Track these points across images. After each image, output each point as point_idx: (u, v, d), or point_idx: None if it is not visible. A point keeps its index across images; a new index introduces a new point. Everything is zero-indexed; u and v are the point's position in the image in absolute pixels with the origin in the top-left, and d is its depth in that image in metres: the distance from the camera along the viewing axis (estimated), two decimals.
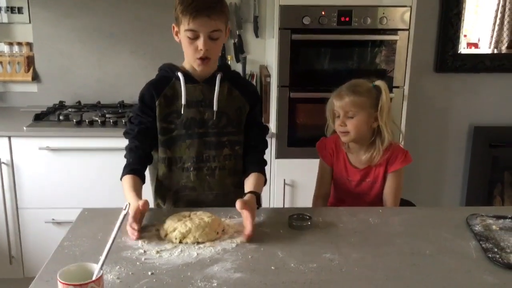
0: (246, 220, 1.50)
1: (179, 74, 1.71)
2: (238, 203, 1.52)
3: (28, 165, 2.70)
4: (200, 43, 1.62)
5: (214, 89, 1.73)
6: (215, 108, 1.72)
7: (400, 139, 2.20)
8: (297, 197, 2.86)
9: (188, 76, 1.72)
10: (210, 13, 1.59)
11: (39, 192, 2.74)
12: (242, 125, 1.81)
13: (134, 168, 1.68)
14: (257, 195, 1.68)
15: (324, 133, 2.10)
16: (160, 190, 1.80)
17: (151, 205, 1.81)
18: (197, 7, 1.59)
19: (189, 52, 1.66)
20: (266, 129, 1.93)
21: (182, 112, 1.70)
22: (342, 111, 1.90)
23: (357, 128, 1.89)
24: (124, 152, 1.74)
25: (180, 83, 1.71)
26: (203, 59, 1.66)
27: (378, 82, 1.91)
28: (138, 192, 1.61)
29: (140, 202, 1.49)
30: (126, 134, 1.76)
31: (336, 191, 2.06)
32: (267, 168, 1.86)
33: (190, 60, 1.70)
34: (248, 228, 1.48)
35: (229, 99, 1.77)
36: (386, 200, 1.97)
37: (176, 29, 1.69)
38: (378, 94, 1.90)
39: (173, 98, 1.72)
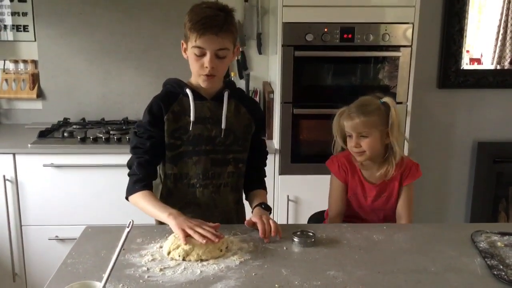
0: (261, 224, 1.61)
1: (188, 91, 1.71)
2: (246, 222, 1.67)
3: (32, 182, 2.71)
4: (206, 60, 1.63)
5: (222, 106, 1.74)
6: (223, 126, 1.73)
7: (407, 153, 2.19)
8: (301, 213, 2.85)
9: (195, 92, 1.72)
10: (218, 31, 1.60)
11: (43, 209, 2.74)
12: (248, 143, 1.83)
13: (147, 184, 1.68)
14: (264, 205, 1.76)
15: (329, 149, 2.09)
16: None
17: (152, 221, 1.82)
18: (205, 25, 1.59)
19: (195, 68, 1.67)
20: (266, 146, 1.97)
21: (190, 129, 1.70)
22: (354, 132, 1.89)
23: (372, 147, 1.89)
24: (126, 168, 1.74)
25: (187, 99, 1.71)
26: (208, 75, 1.66)
27: (386, 99, 1.91)
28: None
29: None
30: (135, 149, 1.71)
31: (350, 208, 2.03)
32: (270, 184, 1.90)
33: (195, 77, 1.71)
34: (271, 230, 1.60)
35: (237, 117, 1.78)
36: (400, 214, 1.97)
37: (184, 45, 1.69)
38: (387, 110, 1.89)
39: (181, 114, 1.71)
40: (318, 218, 2.23)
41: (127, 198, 1.70)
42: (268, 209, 1.75)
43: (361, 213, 2.02)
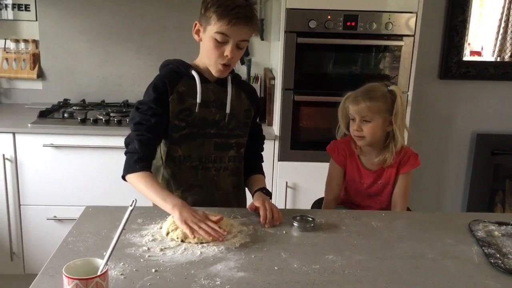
0: (263, 210, 1.60)
1: (194, 73, 1.69)
2: (249, 206, 1.67)
3: (31, 162, 2.71)
4: (227, 49, 1.60)
5: (225, 90, 1.74)
6: (227, 110, 1.73)
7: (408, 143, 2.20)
8: (299, 200, 2.87)
9: (200, 75, 1.70)
10: (249, 22, 1.59)
11: (42, 189, 2.74)
12: (248, 128, 1.83)
13: (148, 165, 1.62)
14: (265, 190, 1.76)
15: (328, 137, 2.11)
16: (166, 188, 1.77)
17: (149, 204, 1.81)
18: (238, 14, 1.56)
19: (213, 55, 1.63)
20: (262, 131, 1.98)
21: (196, 110, 1.69)
22: (358, 115, 1.91)
23: (373, 133, 1.91)
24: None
25: (191, 81, 1.69)
26: (225, 65, 1.64)
27: (393, 87, 1.93)
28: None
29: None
30: (138, 125, 1.64)
31: (347, 193, 2.07)
32: (269, 170, 1.91)
33: (210, 63, 1.66)
34: (272, 216, 1.60)
35: (238, 102, 1.78)
36: (395, 202, 1.99)
37: (198, 26, 1.65)
38: (393, 98, 1.91)
39: (185, 95, 1.69)
40: (319, 203, 2.25)
41: (123, 177, 1.62)
42: (268, 194, 1.76)
43: (358, 199, 2.05)
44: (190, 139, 1.72)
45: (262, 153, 1.97)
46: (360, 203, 2.05)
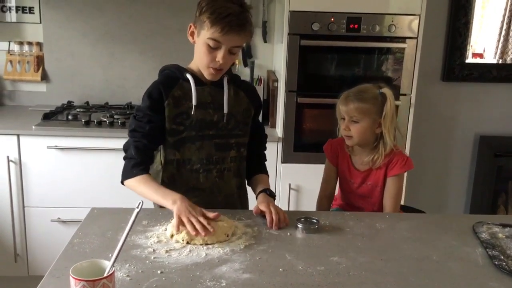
0: (269, 214, 1.61)
1: (188, 76, 1.70)
2: (254, 210, 1.66)
3: (36, 164, 2.72)
4: (219, 55, 1.62)
5: (222, 91, 1.74)
6: (225, 110, 1.73)
7: (406, 147, 2.21)
8: (302, 202, 2.87)
9: (195, 77, 1.72)
10: (241, 30, 1.60)
11: (46, 190, 2.75)
12: (248, 127, 1.83)
13: (145, 168, 1.65)
14: (269, 191, 1.75)
15: (330, 137, 2.12)
16: None
17: (151, 206, 1.82)
18: (231, 23, 1.57)
19: (205, 59, 1.65)
20: (264, 130, 1.99)
21: (192, 113, 1.70)
22: (347, 116, 1.93)
23: (360, 134, 1.92)
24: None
25: (187, 84, 1.70)
26: (216, 70, 1.66)
27: (385, 90, 1.93)
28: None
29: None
30: (134, 132, 1.68)
31: (342, 192, 2.09)
32: (272, 172, 1.92)
33: (202, 67, 1.69)
34: (278, 218, 1.60)
35: (236, 101, 1.79)
36: (385, 205, 1.99)
37: (192, 29, 1.67)
38: (383, 101, 1.92)
39: (181, 99, 1.70)
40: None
41: (122, 182, 1.68)
42: (272, 195, 1.76)
43: (351, 198, 2.06)
44: (189, 142, 1.72)
45: (265, 152, 1.97)
46: (354, 203, 2.06)
